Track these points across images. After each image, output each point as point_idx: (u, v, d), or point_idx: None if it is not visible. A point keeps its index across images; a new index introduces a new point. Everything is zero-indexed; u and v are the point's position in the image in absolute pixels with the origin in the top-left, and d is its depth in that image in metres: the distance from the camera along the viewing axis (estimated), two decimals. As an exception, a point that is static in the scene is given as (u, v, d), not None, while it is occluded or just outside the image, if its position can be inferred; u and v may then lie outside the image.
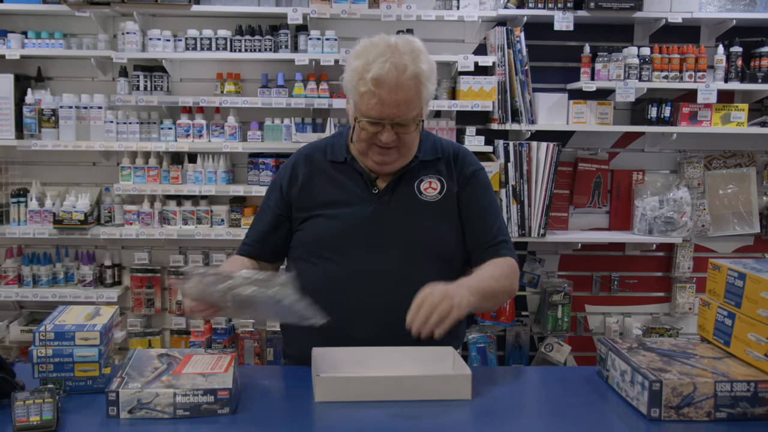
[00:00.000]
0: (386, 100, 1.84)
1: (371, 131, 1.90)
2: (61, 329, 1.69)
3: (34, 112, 3.71)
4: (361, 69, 1.85)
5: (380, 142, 1.91)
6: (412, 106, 1.87)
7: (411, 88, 1.85)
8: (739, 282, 1.76)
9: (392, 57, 1.83)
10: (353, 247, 1.96)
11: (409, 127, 1.91)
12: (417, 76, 1.85)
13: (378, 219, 1.98)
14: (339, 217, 1.98)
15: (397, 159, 1.97)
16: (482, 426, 1.60)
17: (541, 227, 3.77)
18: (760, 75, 3.78)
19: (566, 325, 3.99)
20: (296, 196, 2.05)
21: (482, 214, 2.06)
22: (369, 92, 1.84)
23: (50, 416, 1.50)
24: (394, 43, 1.88)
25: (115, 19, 3.88)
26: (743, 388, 1.59)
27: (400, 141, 1.92)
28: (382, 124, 1.88)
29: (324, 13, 3.65)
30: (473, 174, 2.08)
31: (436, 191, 2.02)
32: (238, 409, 1.63)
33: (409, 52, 1.86)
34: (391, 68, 1.82)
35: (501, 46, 3.75)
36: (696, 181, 4.05)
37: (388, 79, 1.82)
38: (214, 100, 3.73)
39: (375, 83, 1.83)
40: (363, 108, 1.88)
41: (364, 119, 1.90)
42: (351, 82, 1.91)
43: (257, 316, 1.74)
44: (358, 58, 1.89)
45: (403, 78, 1.83)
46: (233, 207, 3.90)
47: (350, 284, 1.90)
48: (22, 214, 3.81)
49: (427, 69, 1.88)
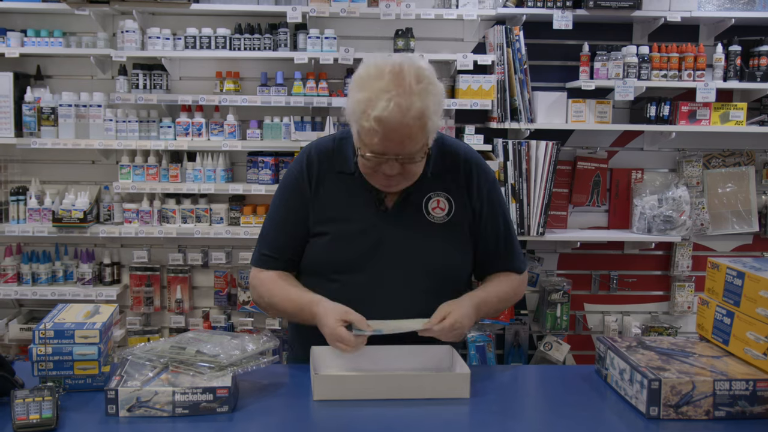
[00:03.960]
0: (390, 138, 1.75)
1: (374, 162, 1.83)
2: (60, 327, 1.69)
3: (34, 110, 3.71)
4: (365, 104, 1.74)
5: (382, 173, 1.84)
6: (415, 141, 1.78)
7: (415, 127, 1.75)
8: (737, 281, 1.76)
9: (397, 96, 1.71)
10: (359, 268, 1.93)
11: (413, 158, 1.83)
12: (422, 116, 1.74)
13: (385, 239, 1.94)
14: (346, 238, 1.93)
15: (402, 182, 1.90)
16: (481, 425, 1.60)
17: (540, 226, 3.77)
18: (758, 74, 3.78)
19: (565, 324, 4.00)
20: (313, 200, 1.98)
21: (498, 236, 2.04)
22: (372, 130, 1.75)
23: (50, 414, 1.51)
24: (398, 71, 1.74)
25: (115, 17, 3.88)
26: (742, 386, 1.59)
27: (404, 170, 1.84)
28: (385, 157, 1.81)
29: (323, 12, 3.65)
30: (490, 192, 2.03)
31: (444, 212, 1.97)
32: (237, 407, 1.63)
33: (415, 85, 1.73)
34: (395, 109, 1.71)
35: (500, 44, 3.75)
36: (695, 179, 4.05)
37: (392, 120, 1.72)
38: (214, 98, 3.73)
39: (378, 122, 1.72)
40: (366, 141, 1.79)
41: (368, 152, 1.81)
42: (354, 114, 1.80)
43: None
44: (361, 89, 1.77)
45: (407, 118, 1.72)
46: (232, 205, 3.90)
47: (355, 304, 1.87)
48: (21, 213, 3.81)
49: (434, 103, 1.77)
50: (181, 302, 3.96)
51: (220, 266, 4.01)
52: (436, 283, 1.95)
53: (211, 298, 4.04)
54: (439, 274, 1.96)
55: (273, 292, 1.99)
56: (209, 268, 4.04)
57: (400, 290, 1.92)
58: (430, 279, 1.94)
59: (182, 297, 3.97)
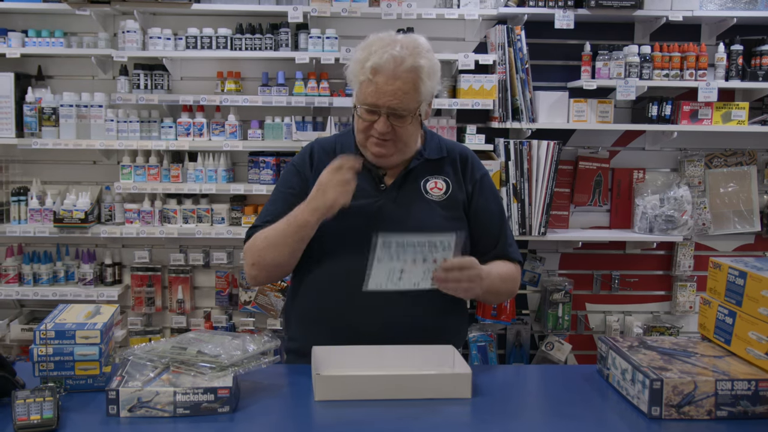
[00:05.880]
0: (382, 89, 1.89)
1: (368, 119, 1.95)
2: (61, 328, 1.69)
3: (35, 110, 3.71)
4: (363, 59, 1.92)
5: (376, 132, 1.94)
6: (408, 97, 1.91)
7: (408, 81, 1.90)
8: (739, 280, 1.76)
9: (392, 49, 1.89)
10: (359, 242, 1.96)
11: (404, 119, 1.93)
12: (415, 69, 1.90)
13: (384, 214, 2.00)
14: (346, 212, 1.98)
15: (394, 153, 2.00)
16: (482, 425, 1.60)
17: (542, 226, 3.77)
18: (760, 73, 3.78)
19: (567, 324, 3.99)
20: (311, 180, 2.03)
21: (492, 220, 2.11)
22: (367, 80, 1.91)
23: (51, 415, 1.50)
24: (398, 38, 1.94)
25: (116, 17, 3.88)
26: (744, 386, 1.59)
27: (395, 134, 1.95)
28: (378, 112, 1.92)
29: (324, 12, 3.65)
30: (483, 178, 2.13)
31: (442, 191, 2.06)
32: (238, 407, 1.63)
33: (411, 47, 1.91)
34: (389, 59, 1.88)
35: (501, 44, 3.74)
36: (697, 179, 4.04)
37: (386, 68, 1.88)
38: (215, 98, 3.73)
39: (373, 72, 1.89)
40: (361, 96, 1.94)
41: (362, 107, 1.95)
42: (353, 72, 1.97)
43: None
44: (362, 50, 1.95)
45: (400, 69, 1.88)
46: (234, 205, 3.90)
47: (355, 279, 1.90)
48: (22, 213, 3.81)
49: (427, 65, 1.93)
50: (182, 302, 3.96)
51: (221, 266, 4.01)
52: None
53: (212, 298, 4.04)
54: None
55: (264, 234, 2.00)
56: (210, 268, 4.04)
57: None
58: None
59: (183, 297, 3.97)
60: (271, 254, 1.98)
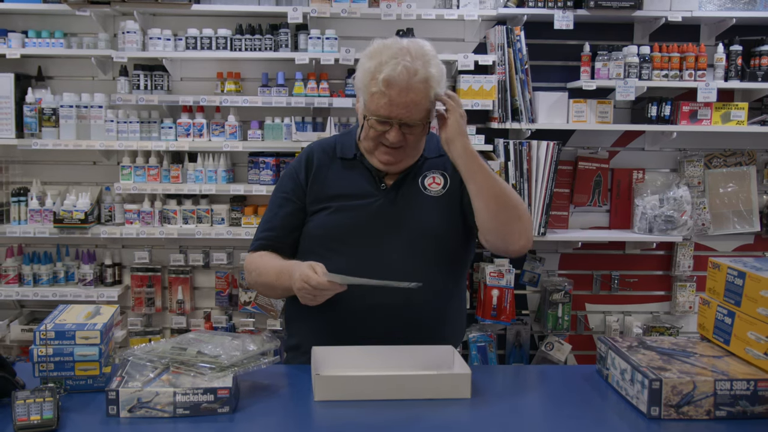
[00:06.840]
0: (396, 101, 1.90)
1: (379, 130, 1.95)
2: (61, 328, 1.70)
3: (35, 111, 3.71)
4: (374, 70, 1.91)
5: (387, 141, 1.96)
6: (420, 108, 1.92)
7: (420, 91, 1.90)
8: (738, 281, 1.76)
9: (404, 60, 1.88)
10: (359, 241, 1.99)
11: (415, 128, 1.95)
12: (427, 80, 1.90)
13: (384, 214, 2.02)
14: (346, 210, 2.02)
15: (403, 159, 2.02)
16: (482, 425, 1.60)
17: (542, 226, 3.77)
18: (760, 73, 3.78)
19: (566, 324, 3.99)
20: (310, 186, 2.08)
21: None
22: (380, 92, 1.90)
23: (51, 415, 1.51)
24: (406, 46, 1.93)
25: (116, 18, 3.88)
26: (743, 386, 1.59)
27: (406, 141, 1.97)
28: (390, 123, 1.93)
29: (324, 12, 3.65)
30: None
31: (440, 186, 2.08)
32: (238, 407, 1.64)
33: (420, 57, 1.91)
34: (402, 71, 1.87)
35: (501, 45, 3.75)
36: (696, 179, 4.04)
37: (399, 81, 1.88)
38: (215, 99, 3.73)
39: (386, 84, 1.88)
40: (373, 107, 1.93)
41: (373, 118, 1.94)
42: (363, 82, 1.96)
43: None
44: (371, 58, 1.94)
45: (413, 81, 1.89)
46: (233, 206, 3.91)
47: (354, 271, 1.89)
48: (22, 214, 3.81)
49: (437, 73, 1.94)
50: (182, 303, 3.97)
51: (221, 267, 4.01)
52: (435, 250, 2.02)
53: (212, 298, 4.05)
54: (438, 240, 2.03)
55: (258, 265, 2.06)
56: (210, 268, 4.04)
57: (399, 257, 1.98)
58: (428, 245, 2.01)
59: (183, 298, 3.97)
60: (262, 289, 2.19)
